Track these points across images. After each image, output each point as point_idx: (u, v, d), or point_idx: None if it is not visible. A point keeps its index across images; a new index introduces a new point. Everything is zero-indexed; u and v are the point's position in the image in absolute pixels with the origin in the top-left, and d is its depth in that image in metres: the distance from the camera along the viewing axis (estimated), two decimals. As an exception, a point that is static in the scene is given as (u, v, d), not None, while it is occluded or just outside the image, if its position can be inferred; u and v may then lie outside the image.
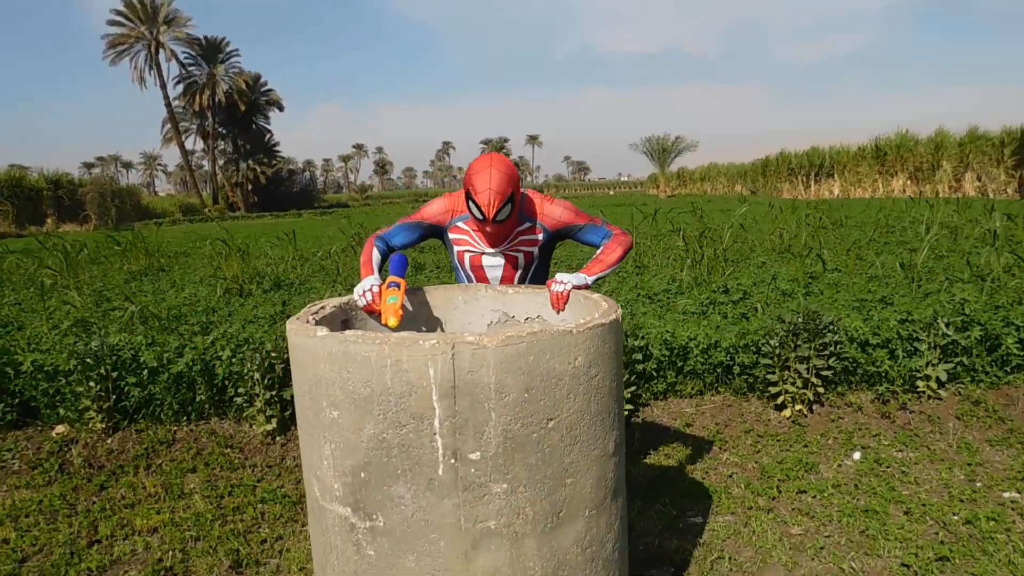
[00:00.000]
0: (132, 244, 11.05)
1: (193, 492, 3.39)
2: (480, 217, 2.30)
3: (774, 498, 3.06)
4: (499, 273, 2.51)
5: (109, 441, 3.88)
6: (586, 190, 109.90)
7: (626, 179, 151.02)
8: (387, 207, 44.67)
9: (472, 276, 2.55)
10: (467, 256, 2.51)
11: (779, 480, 3.23)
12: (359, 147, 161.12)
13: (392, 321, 2.06)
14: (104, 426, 3.92)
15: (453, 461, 1.48)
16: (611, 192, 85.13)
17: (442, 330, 2.38)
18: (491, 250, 2.48)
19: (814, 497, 3.06)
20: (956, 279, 5.46)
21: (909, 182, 30.39)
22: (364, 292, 2.18)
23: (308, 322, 1.76)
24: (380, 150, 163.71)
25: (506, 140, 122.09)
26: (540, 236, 2.48)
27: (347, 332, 1.51)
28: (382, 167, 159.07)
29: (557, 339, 1.49)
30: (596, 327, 1.58)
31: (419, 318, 2.32)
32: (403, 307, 2.14)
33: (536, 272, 2.57)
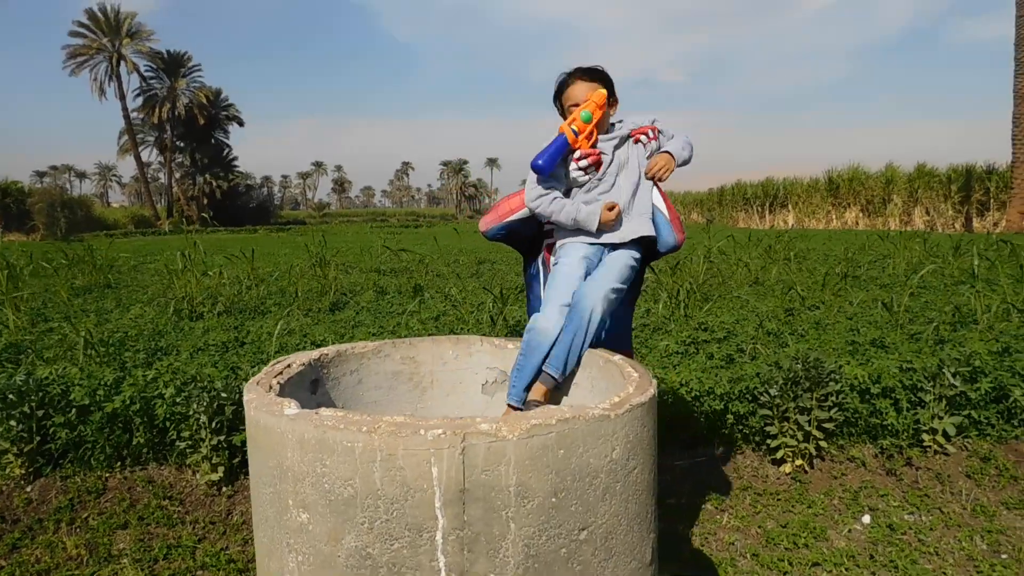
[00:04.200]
0: (80, 257, 10.39)
1: (122, 554, 2.95)
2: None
3: (786, 572, 2.75)
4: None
5: (28, 489, 3.40)
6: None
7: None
8: (344, 225, 44.07)
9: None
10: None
11: (786, 548, 2.93)
12: (318, 164, 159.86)
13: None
14: (23, 472, 3.44)
15: (459, 588, 1.11)
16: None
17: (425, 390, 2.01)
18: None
19: (829, 572, 2.75)
20: (940, 320, 5.27)
21: (862, 215, 30.93)
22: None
23: (271, 388, 1.38)
24: (339, 168, 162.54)
25: (465, 162, 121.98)
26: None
27: (324, 412, 1.14)
28: (340, 185, 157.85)
29: (593, 427, 1.14)
30: (635, 408, 1.24)
31: (401, 375, 1.95)
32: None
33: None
